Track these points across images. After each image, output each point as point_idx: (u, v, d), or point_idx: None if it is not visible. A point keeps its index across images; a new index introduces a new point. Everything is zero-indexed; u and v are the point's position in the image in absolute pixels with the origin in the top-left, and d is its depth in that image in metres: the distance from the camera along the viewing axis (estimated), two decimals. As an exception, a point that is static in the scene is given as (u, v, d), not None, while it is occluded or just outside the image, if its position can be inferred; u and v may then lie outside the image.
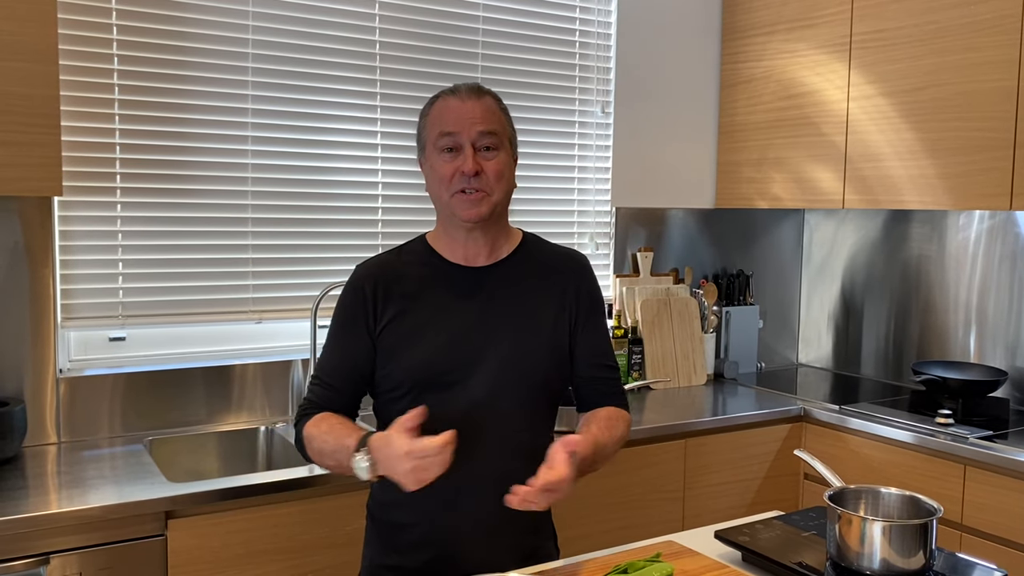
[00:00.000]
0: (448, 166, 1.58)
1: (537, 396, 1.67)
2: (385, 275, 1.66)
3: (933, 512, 1.49)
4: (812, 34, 3.04)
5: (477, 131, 1.57)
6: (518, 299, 1.67)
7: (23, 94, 1.97)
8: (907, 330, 3.26)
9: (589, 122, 3.16)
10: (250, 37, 2.53)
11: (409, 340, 1.62)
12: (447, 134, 1.58)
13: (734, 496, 2.79)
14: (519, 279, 1.69)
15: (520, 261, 1.71)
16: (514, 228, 1.75)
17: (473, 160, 1.57)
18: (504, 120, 1.64)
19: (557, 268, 1.73)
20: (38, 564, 1.81)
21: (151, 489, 1.96)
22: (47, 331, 2.31)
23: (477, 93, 1.61)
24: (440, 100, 1.63)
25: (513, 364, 1.63)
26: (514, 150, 1.67)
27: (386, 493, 1.67)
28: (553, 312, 1.68)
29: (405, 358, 1.62)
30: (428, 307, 1.64)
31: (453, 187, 1.59)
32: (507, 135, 1.64)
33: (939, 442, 2.49)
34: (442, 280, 1.66)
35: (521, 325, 1.65)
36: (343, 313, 1.67)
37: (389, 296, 1.64)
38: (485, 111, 1.60)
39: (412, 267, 1.68)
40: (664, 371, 3.18)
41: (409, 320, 1.63)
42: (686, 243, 3.39)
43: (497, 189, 1.60)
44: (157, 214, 2.45)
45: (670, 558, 1.57)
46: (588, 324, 1.72)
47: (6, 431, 2.11)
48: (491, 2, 2.91)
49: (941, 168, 2.68)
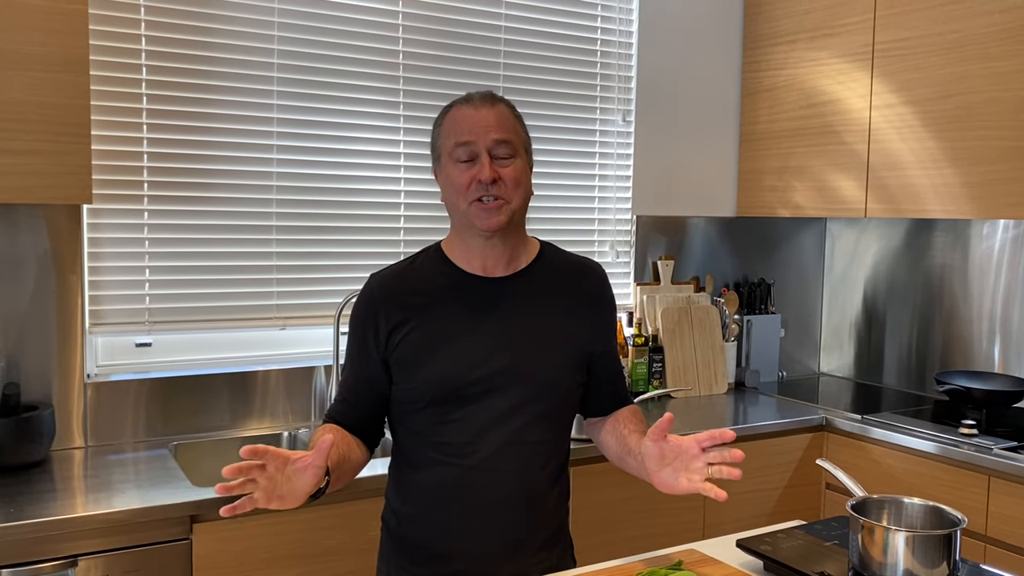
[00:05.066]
0: (465, 175, 1.56)
1: (557, 409, 1.66)
2: (399, 287, 1.64)
3: (957, 523, 1.49)
4: (834, 42, 3.04)
5: (493, 139, 1.55)
6: (538, 311, 1.65)
7: (55, 104, 2.01)
8: (930, 340, 3.24)
9: (610, 130, 3.17)
10: (275, 47, 2.56)
11: (425, 354, 1.59)
12: (463, 144, 1.56)
13: (755, 505, 2.78)
14: (539, 291, 1.66)
15: (539, 272, 1.68)
16: (531, 237, 1.72)
17: (490, 168, 1.54)
18: (519, 127, 1.62)
19: (576, 279, 1.71)
20: (66, 566, 1.83)
21: (176, 493, 1.98)
22: (75, 337, 2.35)
23: (491, 101, 1.59)
24: (453, 109, 1.61)
25: (533, 378, 1.61)
26: (529, 157, 1.65)
27: (404, 505, 1.66)
28: (573, 324, 1.67)
29: (422, 372, 1.59)
30: (445, 320, 1.60)
31: (470, 196, 1.56)
32: (522, 142, 1.62)
33: (963, 452, 2.47)
34: (460, 292, 1.63)
35: (542, 338, 1.63)
36: (355, 327, 1.66)
37: (403, 309, 1.61)
38: (499, 118, 1.57)
39: (428, 277, 1.65)
40: (685, 380, 3.18)
41: (425, 333, 1.60)
42: (707, 251, 3.39)
43: (515, 196, 1.58)
44: (183, 222, 2.49)
45: (692, 566, 1.57)
46: (606, 335, 1.72)
47: (35, 435, 2.15)
48: (513, 11, 2.93)
49: (965, 177, 2.67)
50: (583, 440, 2.46)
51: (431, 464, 1.61)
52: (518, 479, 1.60)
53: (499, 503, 1.60)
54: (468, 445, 1.58)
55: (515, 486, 1.60)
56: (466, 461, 1.58)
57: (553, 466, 1.67)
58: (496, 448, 1.57)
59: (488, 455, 1.57)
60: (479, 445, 1.58)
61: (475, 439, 1.58)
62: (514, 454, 1.60)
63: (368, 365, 1.63)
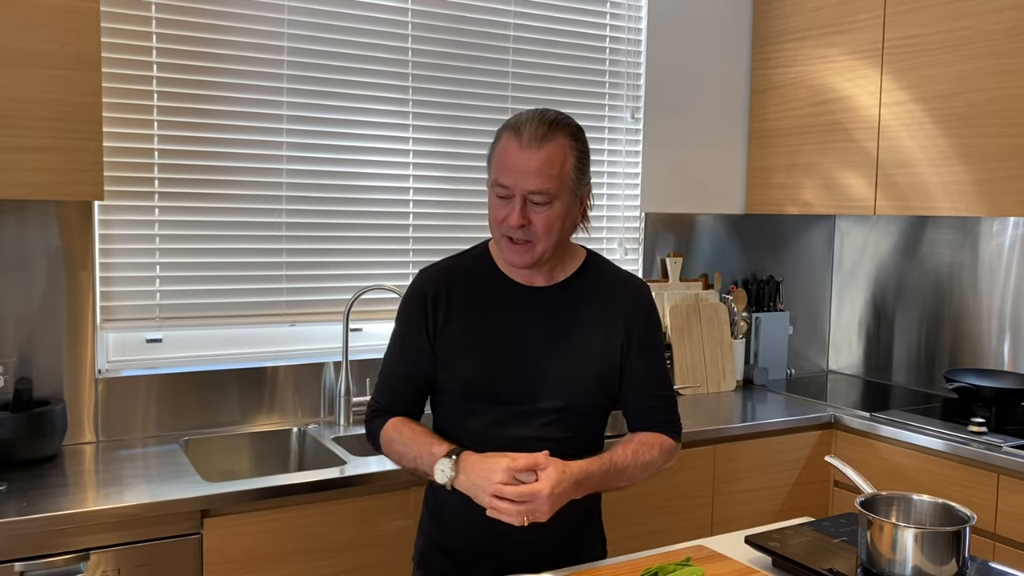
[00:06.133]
0: (500, 210, 1.59)
1: (583, 421, 1.69)
2: (447, 283, 1.69)
3: (966, 520, 1.49)
4: (844, 39, 3.03)
5: (529, 188, 1.55)
6: (575, 323, 1.67)
7: (67, 101, 2.02)
8: (939, 337, 3.23)
9: (619, 127, 3.17)
10: (285, 45, 2.57)
11: (464, 351, 1.65)
12: (501, 184, 1.57)
13: (763, 502, 2.78)
14: (576, 303, 1.69)
15: (580, 283, 1.71)
16: (577, 246, 1.75)
17: (520, 214, 1.56)
18: (569, 164, 1.58)
19: (614, 293, 1.72)
20: (78, 560, 1.85)
21: (187, 488, 1.99)
22: (86, 332, 2.36)
23: (539, 140, 1.54)
24: (504, 139, 1.59)
25: (562, 390, 1.64)
26: (578, 192, 1.62)
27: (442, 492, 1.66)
28: (605, 338, 1.68)
29: (459, 368, 1.65)
30: (486, 322, 1.66)
31: (502, 231, 1.60)
32: (567, 184, 1.58)
33: (972, 450, 2.47)
34: (502, 295, 1.68)
35: (574, 351, 1.66)
36: (405, 318, 1.71)
37: (450, 304, 1.67)
38: (543, 164, 1.54)
39: (475, 277, 1.70)
40: (693, 377, 3.18)
41: (465, 331, 1.66)
42: (716, 249, 3.39)
43: (544, 240, 1.59)
44: (194, 218, 2.50)
45: (700, 562, 1.58)
46: (641, 353, 1.70)
47: (47, 430, 2.16)
48: (522, 8, 2.94)
49: (974, 174, 2.66)
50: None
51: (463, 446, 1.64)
52: None
53: None
54: (496, 438, 1.62)
55: None
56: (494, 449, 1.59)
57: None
58: (521, 443, 1.59)
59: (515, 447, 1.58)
60: (507, 437, 1.62)
61: (502, 433, 1.63)
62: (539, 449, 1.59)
63: (420, 355, 1.68)
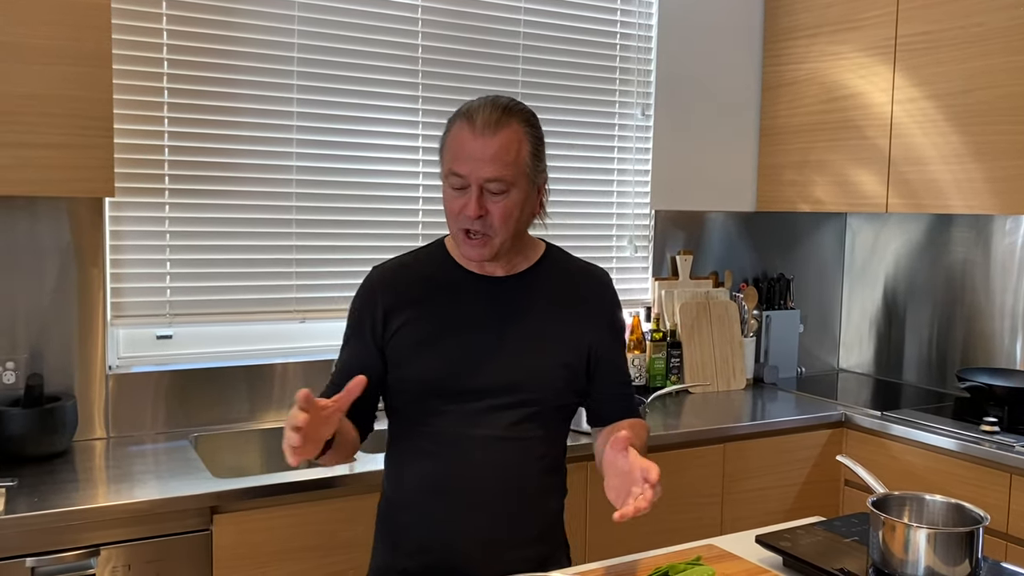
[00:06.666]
0: (455, 201, 1.53)
1: (550, 411, 1.63)
2: (399, 280, 1.64)
3: (980, 520, 1.48)
4: (856, 36, 3.02)
5: (485, 176, 1.49)
6: (534, 313, 1.62)
7: (78, 97, 2.02)
8: (951, 336, 3.21)
9: (629, 124, 3.16)
10: (295, 41, 2.57)
11: (419, 348, 1.59)
12: (456, 174, 1.51)
13: (773, 501, 2.77)
14: (537, 294, 1.64)
15: (540, 274, 1.65)
16: (536, 239, 1.70)
17: (477, 204, 1.50)
18: (524, 151, 1.52)
19: (577, 284, 1.68)
20: (88, 555, 1.85)
21: (197, 484, 2.00)
22: (97, 329, 2.37)
23: (494, 127, 1.49)
24: (456, 127, 1.53)
25: (525, 381, 1.59)
26: (535, 180, 1.56)
27: (394, 492, 1.65)
28: (570, 330, 1.64)
29: (415, 366, 1.59)
30: (441, 316, 1.60)
31: (459, 223, 1.53)
32: (524, 171, 1.52)
33: (984, 450, 2.45)
34: (458, 289, 1.62)
35: (535, 340, 1.60)
36: (354, 317, 1.66)
37: (402, 302, 1.61)
38: (499, 150, 1.49)
39: (429, 272, 1.64)
40: (703, 375, 3.17)
41: (420, 328, 1.59)
42: (726, 246, 3.38)
43: (502, 232, 1.53)
44: (204, 215, 2.50)
45: (711, 561, 1.57)
46: (607, 344, 1.68)
47: (58, 426, 2.17)
48: (532, 4, 2.93)
49: (988, 172, 2.64)
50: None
51: (422, 454, 1.60)
52: (508, 474, 1.58)
53: (488, 497, 1.57)
54: (458, 438, 1.57)
55: (505, 481, 1.57)
56: (455, 454, 1.57)
57: (546, 463, 1.64)
58: (486, 443, 1.56)
59: (478, 449, 1.55)
60: (468, 441, 1.56)
61: (464, 433, 1.57)
62: (504, 449, 1.57)
63: (366, 353, 1.63)
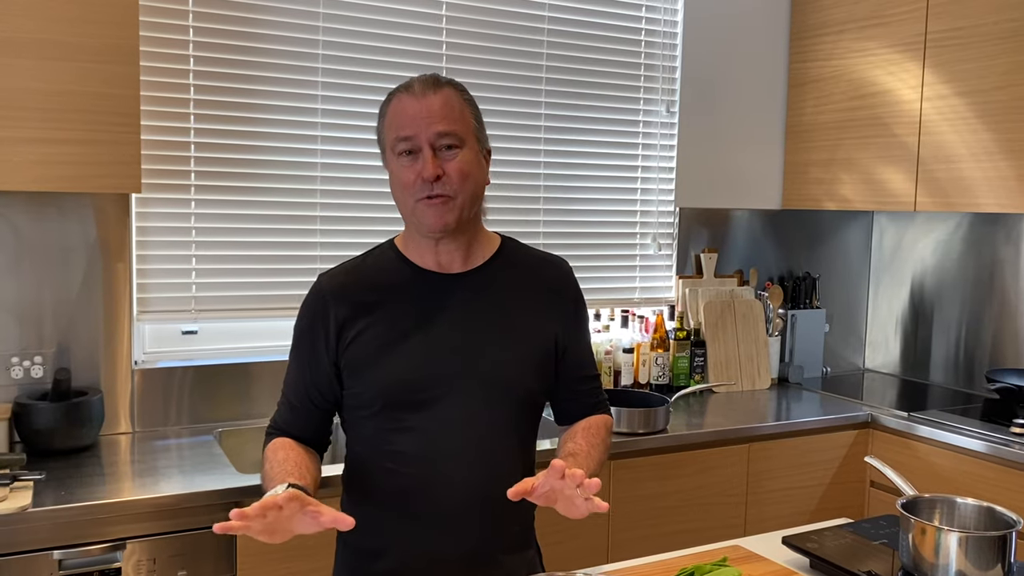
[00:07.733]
0: (408, 171, 1.45)
1: (518, 411, 1.55)
2: (349, 285, 1.54)
3: (1012, 524, 1.45)
4: (885, 32, 2.98)
5: (435, 132, 1.43)
6: (497, 309, 1.54)
7: (106, 94, 2.04)
8: (980, 336, 3.17)
9: (653, 121, 3.14)
10: (320, 38, 2.58)
11: (377, 356, 1.49)
12: (404, 138, 1.44)
13: (798, 502, 2.75)
14: (497, 287, 1.56)
15: (498, 268, 1.57)
16: (491, 232, 1.63)
17: (433, 164, 1.42)
18: (467, 112, 1.48)
19: (538, 275, 1.61)
20: (114, 549, 1.87)
21: (222, 479, 2.01)
22: (123, 324, 2.38)
23: (434, 86, 1.46)
24: (395, 99, 1.48)
25: (492, 379, 1.50)
26: (482, 144, 1.51)
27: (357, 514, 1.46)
28: (535, 322, 1.56)
29: (374, 376, 1.49)
30: (398, 319, 1.50)
31: (417, 193, 1.45)
32: (471, 129, 1.48)
33: (1014, 452, 2.42)
34: (413, 289, 1.52)
35: (500, 337, 1.52)
36: (303, 329, 1.55)
37: (354, 308, 1.51)
38: (443, 106, 1.44)
39: (380, 275, 1.55)
40: (727, 374, 3.14)
41: (377, 334, 1.49)
42: (751, 244, 3.35)
43: (462, 191, 1.45)
44: (230, 211, 2.51)
45: (737, 563, 1.56)
46: (573, 336, 1.61)
47: (85, 420, 2.19)
48: (556, 1, 2.91)
49: (1019, 169, 2.60)
50: (623, 434, 2.46)
51: (385, 473, 1.51)
52: (476, 488, 1.50)
53: (456, 513, 1.50)
54: (423, 454, 1.49)
55: (473, 495, 1.50)
56: (421, 470, 1.49)
57: (517, 473, 1.54)
58: (453, 456, 1.49)
59: (444, 463, 1.48)
60: (435, 454, 1.49)
61: (431, 447, 1.49)
62: (472, 462, 1.50)
63: (318, 369, 1.52)
